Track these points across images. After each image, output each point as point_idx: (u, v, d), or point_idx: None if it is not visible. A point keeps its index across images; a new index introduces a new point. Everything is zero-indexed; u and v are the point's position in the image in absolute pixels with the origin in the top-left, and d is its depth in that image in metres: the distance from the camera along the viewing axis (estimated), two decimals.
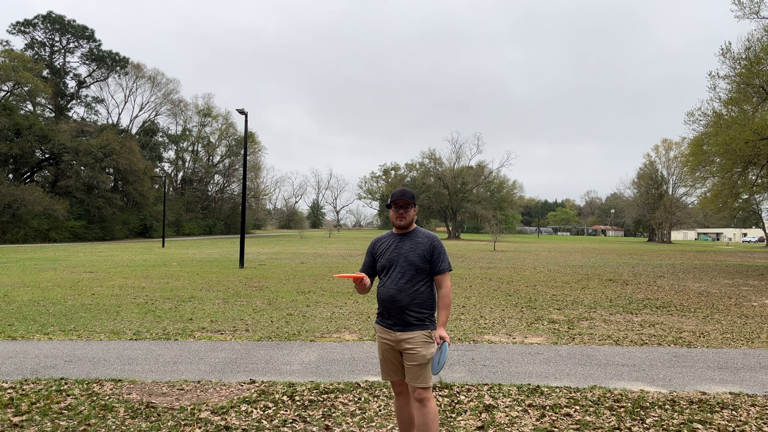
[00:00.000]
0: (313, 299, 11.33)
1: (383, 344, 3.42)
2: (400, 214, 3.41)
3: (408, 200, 3.41)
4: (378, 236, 3.61)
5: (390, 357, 3.41)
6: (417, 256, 3.34)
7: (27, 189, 44.50)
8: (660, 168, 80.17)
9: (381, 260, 3.45)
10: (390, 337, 3.36)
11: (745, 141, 21.46)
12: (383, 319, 3.41)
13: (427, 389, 3.29)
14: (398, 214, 3.42)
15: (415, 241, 3.40)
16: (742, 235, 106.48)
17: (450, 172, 77.63)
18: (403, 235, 3.45)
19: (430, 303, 3.36)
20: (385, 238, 3.53)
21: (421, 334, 3.29)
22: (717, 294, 13.55)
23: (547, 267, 22.39)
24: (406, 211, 3.41)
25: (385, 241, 3.50)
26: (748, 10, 21.62)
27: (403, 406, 3.50)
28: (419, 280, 3.33)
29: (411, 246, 3.38)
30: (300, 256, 27.15)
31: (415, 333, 3.28)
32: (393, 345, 3.36)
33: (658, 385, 5.35)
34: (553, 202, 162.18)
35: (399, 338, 3.31)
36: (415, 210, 3.46)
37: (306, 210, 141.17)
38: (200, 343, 6.96)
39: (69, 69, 59.81)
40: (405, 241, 3.41)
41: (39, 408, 4.42)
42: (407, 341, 3.29)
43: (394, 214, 3.44)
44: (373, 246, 3.55)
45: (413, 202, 3.44)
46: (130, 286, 13.37)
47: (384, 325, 3.40)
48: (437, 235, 3.48)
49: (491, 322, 8.85)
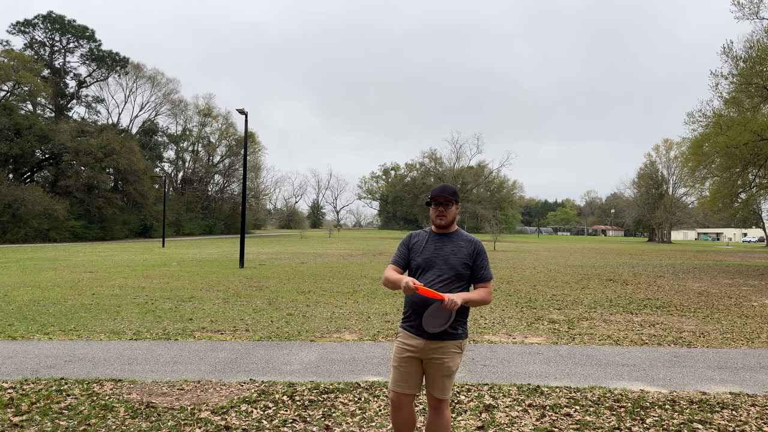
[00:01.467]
0: (313, 299, 11.33)
1: (404, 351, 3.13)
2: (440, 212, 3.15)
3: (449, 197, 3.14)
4: (413, 231, 3.37)
5: (409, 367, 3.12)
6: (458, 261, 3.10)
7: (27, 189, 44.50)
8: (660, 168, 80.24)
9: (416, 258, 3.17)
10: (414, 344, 3.10)
11: (744, 142, 21.47)
12: (410, 322, 3.14)
13: (446, 400, 3.16)
14: (438, 212, 3.16)
15: (458, 244, 3.16)
16: (742, 235, 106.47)
17: (450, 172, 77.71)
18: (443, 236, 3.20)
19: (464, 311, 3.13)
20: (421, 235, 3.26)
21: (452, 344, 3.07)
22: (717, 294, 13.55)
23: (547, 267, 22.39)
24: (446, 208, 3.15)
25: (422, 238, 3.23)
26: (748, 11, 21.64)
27: (400, 420, 3.22)
28: (458, 286, 3.09)
29: (452, 249, 3.14)
30: (300, 256, 27.15)
31: (445, 342, 3.06)
32: (415, 353, 3.10)
33: (658, 385, 5.35)
34: (553, 202, 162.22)
35: (427, 346, 3.07)
36: (457, 208, 3.20)
37: (306, 210, 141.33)
38: (200, 343, 6.96)
39: (69, 69, 59.88)
40: (446, 242, 3.17)
41: (39, 408, 4.42)
42: (436, 350, 3.07)
43: (434, 212, 3.18)
44: (409, 239, 3.28)
45: (455, 198, 3.17)
46: (130, 286, 13.37)
47: (411, 330, 3.13)
48: (480, 240, 3.23)
49: (491, 322, 8.85)
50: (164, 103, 69.93)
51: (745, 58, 22.00)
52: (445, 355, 3.07)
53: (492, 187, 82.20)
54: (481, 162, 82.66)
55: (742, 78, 22.16)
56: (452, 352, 3.07)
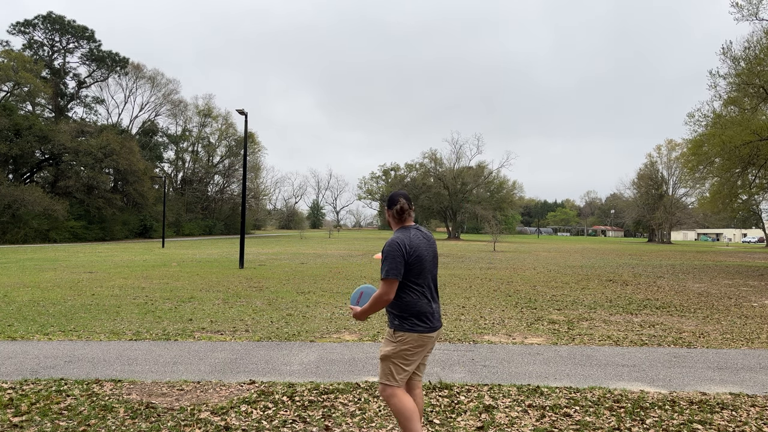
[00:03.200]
0: (313, 299, 11.33)
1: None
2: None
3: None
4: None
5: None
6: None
7: (27, 189, 44.47)
8: (661, 168, 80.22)
9: None
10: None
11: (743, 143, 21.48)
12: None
13: (384, 388, 3.44)
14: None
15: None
16: (741, 235, 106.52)
17: (450, 173, 77.70)
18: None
19: (393, 306, 3.43)
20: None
21: (388, 332, 3.51)
22: (717, 294, 13.55)
23: (546, 267, 22.39)
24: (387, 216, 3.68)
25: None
26: (747, 12, 21.64)
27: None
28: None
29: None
30: (300, 257, 27.15)
31: (387, 330, 3.54)
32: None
33: (658, 386, 5.35)
34: (552, 203, 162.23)
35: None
36: (388, 213, 3.55)
37: (306, 210, 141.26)
38: (200, 344, 6.96)
39: (69, 69, 59.81)
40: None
41: (39, 408, 4.42)
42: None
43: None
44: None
45: (386, 206, 3.56)
46: (130, 286, 13.37)
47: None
48: (394, 239, 3.38)
49: (491, 323, 8.84)
50: (164, 103, 69.96)
51: (745, 58, 22.02)
52: (383, 341, 3.53)
53: (492, 187, 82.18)
54: (481, 162, 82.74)
55: (741, 78, 22.17)
56: (386, 338, 3.50)
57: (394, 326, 3.42)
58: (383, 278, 3.32)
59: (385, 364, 3.42)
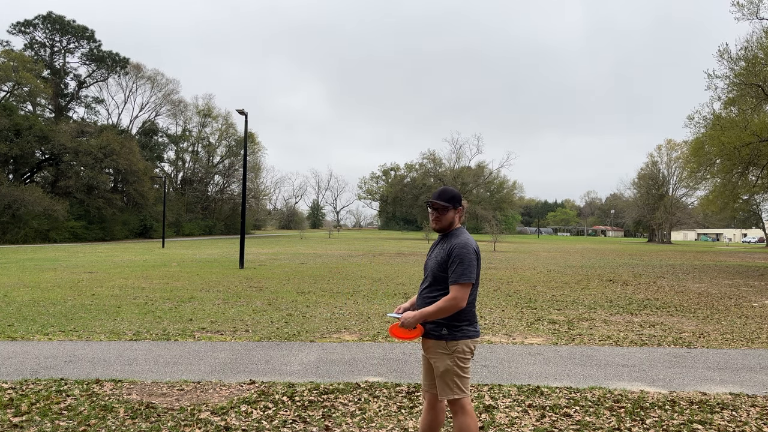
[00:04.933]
0: (313, 300, 11.32)
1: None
2: (435, 216, 3.23)
3: (444, 203, 3.19)
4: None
5: (425, 363, 3.35)
6: (436, 264, 3.17)
7: (27, 189, 44.49)
8: (662, 168, 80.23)
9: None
10: (423, 341, 3.28)
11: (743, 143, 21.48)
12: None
13: (453, 402, 3.15)
14: (433, 217, 3.25)
15: (444, 246, 3.19)
16: (742, 235, 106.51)
17: (450, 173, 77.76)
18: (441, 239, 3.30)
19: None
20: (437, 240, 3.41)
21: (436, 344, 3.14)
22: (717, 294, 13.55)
23: (547, 267, 22.39)
24: (441, 214, 3.21)
25: (434, 243, 3.40)
26: (747, 11, 21.65)
27: (426, 418, 3.37)
28: (438, 291, 3.15)
29: (438, 252, 3.22)
30: (300, 257, 27.15)
31: (430, 342, 3.17)
32: (424, 350, 3.30)
33: (658, 386, 5.35)
34: (552, 203, 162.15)
35: (424, 344, 3.24)
36: (456, 211, 3.22)
37: (306, 210, 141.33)
38: (200, 344, 6.96)
39: (69, 69, 59.83)
40: (439, 245, 3.27)
41: (39, 408, 4.41)
42: (427, 350, 3.22)
43: (430, 216, 3.28)
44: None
45: (452, 204, 3.20)
46: (130, 286, 13.37)
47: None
48: (467, 241, 3.12)
49: (491, 323, 8.84)
50: (164, 103, 69.97)
51: (745, 58, 22.02)
52: (432, 356, 3.17)
53: (492, 187, 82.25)
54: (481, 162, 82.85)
55: (740, 79, 22.17)
56: (438, 352, 3.13)
57: (444, 337, 3.11)
58: (459, 282, 3.03)
59: (449, 378, 3.13)
